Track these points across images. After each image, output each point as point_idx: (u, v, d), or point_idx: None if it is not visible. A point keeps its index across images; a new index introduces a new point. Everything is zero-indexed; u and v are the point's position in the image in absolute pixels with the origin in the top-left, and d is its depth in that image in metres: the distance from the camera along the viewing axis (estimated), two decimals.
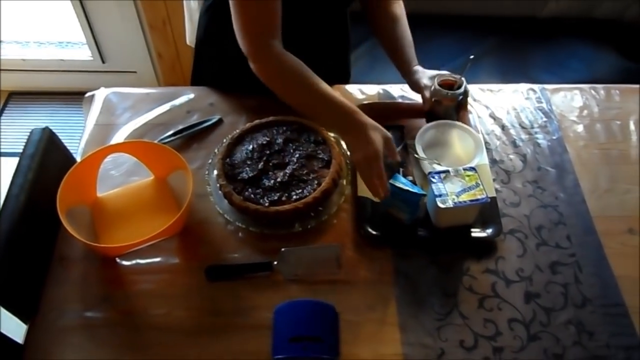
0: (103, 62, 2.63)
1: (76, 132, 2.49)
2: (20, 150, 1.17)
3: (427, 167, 1.21)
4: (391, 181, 1.09)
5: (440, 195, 1.10)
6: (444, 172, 1.14)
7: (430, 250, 1.15)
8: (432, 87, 1.27)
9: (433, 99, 1.27)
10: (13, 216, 1.07)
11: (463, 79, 1.26)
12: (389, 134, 1.11)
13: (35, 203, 1.11)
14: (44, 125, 1.22)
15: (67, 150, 1.29)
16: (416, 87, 1.31)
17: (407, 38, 1.35)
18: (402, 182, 1.10)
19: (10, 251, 1.04)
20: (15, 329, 1.07)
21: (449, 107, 1.28)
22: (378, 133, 1.08)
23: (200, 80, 1.51)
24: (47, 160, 1.18)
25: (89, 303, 1.07)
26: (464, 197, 1.10)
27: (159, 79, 2.68)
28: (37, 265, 1.12)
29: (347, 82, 1.57)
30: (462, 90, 1.26)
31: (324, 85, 1.12)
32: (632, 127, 1.40)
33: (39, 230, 1.14)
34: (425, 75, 1.31)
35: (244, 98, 1.43)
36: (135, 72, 2.67)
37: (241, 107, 1.41)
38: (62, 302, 1.08)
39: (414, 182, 1.19)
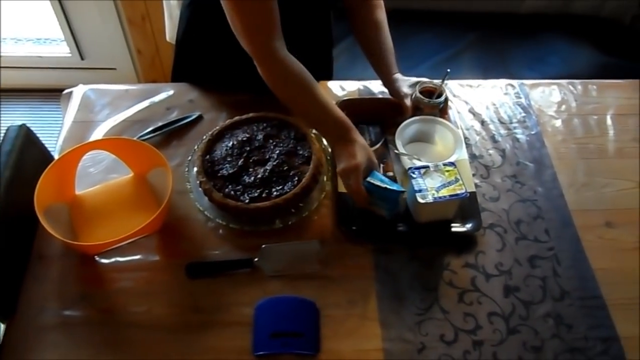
0: (82, 58, 2.60)
1: (54, 130, 2.47)
2: None
3: (407, 162, 1.22)
4: (369, 179, 1.09)
5: (420, 191, 1.10)
6: (423, 167, 1.14)
7: (410, 246, 1.15)
8: (413, 95, 1.28)
9: (414, 107, 1.29)
10: None
11: (444, 86, 1.27)
12: (375, 160, 1.13)
13: (12, 201, 1.10)
14: (21, 123, 1.20)
15: (45, 148, 1.28)
16: (397, 95, 1.32)
17: (388, 45, 1.35)
18: (380, 180, 1.10)
19: None
20: None
21: (430, 115, 1.29)
22: (364, 152, 1.11)
23: (181, 77, 1.50)
24: (24, 157, 1.16)
25: (68, 301, 1.06)
26: (444, 192, 1.10)
27: (138, 75, 2.65)
28: (15, 263, 1.10)
29: (329, 79, 1.57)
30: (442, 98, 1.28)
31: (325, 96, 1.13)
32: (609, 121, 1.42)
33: (17, 228, 1.12)
34: (405, 83, 1.32)
35: (224, 94, 1.42)
36: (114, 68, 2.64)
37: (221, 104, 1.40)
38: (41, 301, 1.06)
39: (393, 179, 1.20)
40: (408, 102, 1.28)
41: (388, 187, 1.09)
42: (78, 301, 1.06)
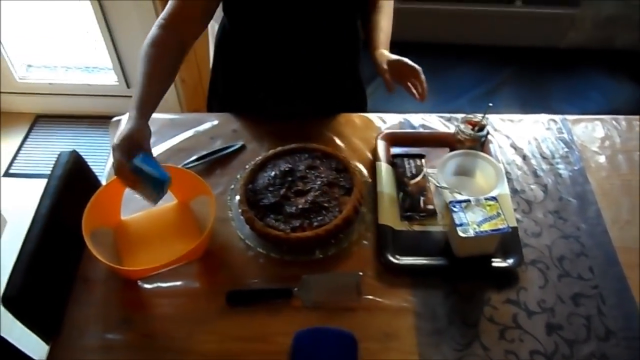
0: (128, 86, 2.68)
1: (102, 156, 2.54)
2: (47, 173, 1.20)
3: (448, 196, 1.21)
4: (136, 161, 1.04)
5: (461, 225, 1.10)
6: (465, 201, 1.14)
7: (450, 280, 1.14)
8: (457, 128, 1.30)
9: (456, 139, 1.30)
10: (40, 236, 1.09)
11: (485, 120, 1.27)
12: (142, 141, 1.09)
13: (61, 224, 1.14)
14: (70, 148, 1.24)
15: (93, 173, 1.32)
16: (377, 67, 1.32)
17: (382, 25, 1.38)
18: (148, 164, 1.05)
19: (35, 270, 1.06)
20: (35, 347, 1.08)
21: (471, 148, 1.29)
22: (126, 132, 1.09)
23: (213, 104, 1.56)
24: (73, 182, 1.20)
25: (110, 325, 1.08)
26: (485, 227, 1.10)
27: (181, 104, 2.71)
28: (60, 285, 1.13)
29: (363, 110, 1.59)
30: (484, 132, 1.28)
31: (152, 74, 1.19)
32: None
33: (64, 250, 1.16)
34: (386, 58, 1.30)
35: (266, 124, 1.45)
36: None
37: (263, 134, 1.43)
38: (84, 323, 1.09)
39: (430, 212, 1.20)
40: (387, 75, 1.27)
41: (153, 175, 1.04)
42: (120, 325, 1.08)
